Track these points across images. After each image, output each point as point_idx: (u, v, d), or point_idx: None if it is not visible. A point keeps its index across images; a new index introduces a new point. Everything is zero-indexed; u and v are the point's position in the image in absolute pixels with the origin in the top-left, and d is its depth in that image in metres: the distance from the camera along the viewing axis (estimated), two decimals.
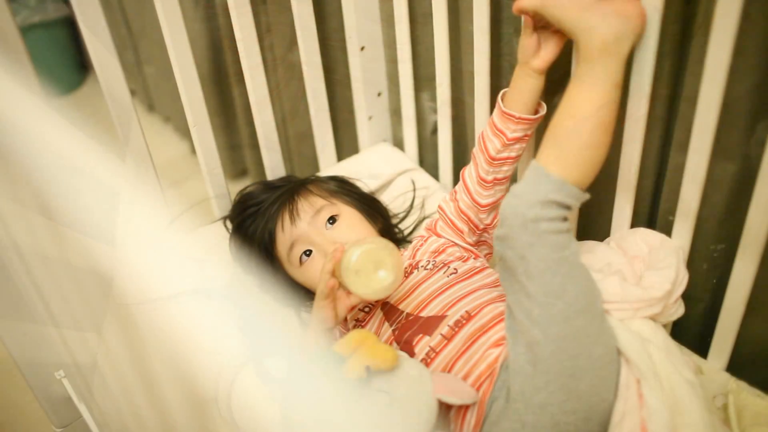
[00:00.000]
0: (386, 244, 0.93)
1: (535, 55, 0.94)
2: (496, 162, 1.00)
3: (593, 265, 0.93)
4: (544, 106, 0.99)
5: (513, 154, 1.00)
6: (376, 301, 1.01)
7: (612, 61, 0.83)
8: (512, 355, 0.83)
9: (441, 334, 0.91)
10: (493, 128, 1.00)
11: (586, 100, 0.83)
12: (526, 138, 0.99)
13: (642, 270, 0.91)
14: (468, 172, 1.05)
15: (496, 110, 1.00)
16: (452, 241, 1.06)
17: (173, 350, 0.38)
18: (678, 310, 0.91)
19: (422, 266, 1.02)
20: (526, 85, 0.96)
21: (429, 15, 1.17)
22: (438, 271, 1.00)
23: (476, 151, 1.03)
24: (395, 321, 0.97)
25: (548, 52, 0.93)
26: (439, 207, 1.08)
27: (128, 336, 0.51)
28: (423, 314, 0.95)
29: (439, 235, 1.07)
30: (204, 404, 0.42)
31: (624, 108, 0.92)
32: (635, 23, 0.83)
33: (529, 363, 0.81)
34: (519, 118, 0.97)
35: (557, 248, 0.80)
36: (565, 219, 0.82)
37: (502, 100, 0.99)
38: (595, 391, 0.80)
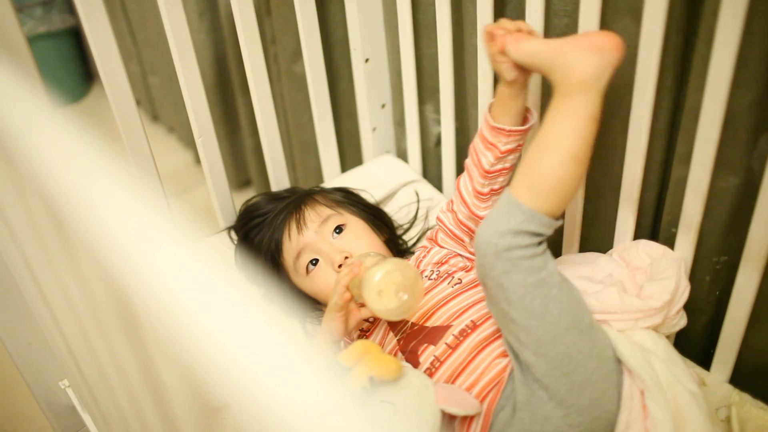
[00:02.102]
0: (408, 266, 0.92)
1: (516, 73, 0.91)
2: (491, 175, 0.99)
3: (594, 276, 0.93)
4: (534, 114, 0.97)
5: (507, 165, 0.99)
6: None
7: (590, 96, 0.82)
8: (516, 368, 0.84)
9: (446, 344, 0.91)
10: (485, 142, 0.98)
11: (561, 132, 0.82)
12: (519, 148, 0.98)
13: (643, 281, 0.91)
14: (463, 184, 1.03)
15: (484, 124, 0.99)
16: (455, 252, 1.06)
17: (181, 358, 0.39)
18: (680, 322, 0.91)
19: (426, 276, 1.02)
20: (512, 100, 0.94)
21: (433, 27, 1.18)
22: (442, 281, 1.00)
23: (469, 163, 1.02)
24: (400, 331, 0.97)
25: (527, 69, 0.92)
26: (438, 218, 1.08)
27: (134, 344, 0.52)
28: (428, 324, 0.95)
29: (441, 246, 1.07)
30: (212, 414, 0.42)
31: (627, 121, 0.92)
32: (612, 56, 0.82)
33: (530, 379, 0.81)
34: (509, 131, 0.96)
35: (533, 271, 0.80)
36: (539, 243, 0.82)
37: (489, 112, 0.98)
38: (597, 403, 0.80)
